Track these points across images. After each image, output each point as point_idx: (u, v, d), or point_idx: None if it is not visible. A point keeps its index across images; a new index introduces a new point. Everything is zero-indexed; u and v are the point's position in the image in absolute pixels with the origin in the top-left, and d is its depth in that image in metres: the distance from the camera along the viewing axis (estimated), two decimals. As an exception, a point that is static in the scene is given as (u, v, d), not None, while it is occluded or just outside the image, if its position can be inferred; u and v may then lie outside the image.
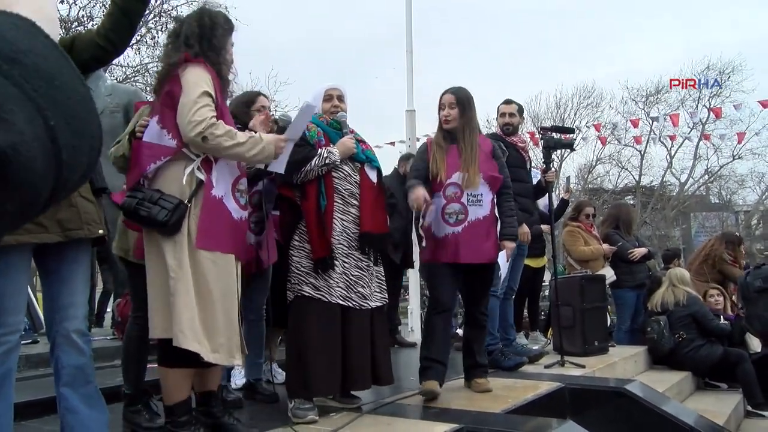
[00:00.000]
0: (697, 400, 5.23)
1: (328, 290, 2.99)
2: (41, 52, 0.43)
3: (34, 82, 0.41)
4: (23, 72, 0.41)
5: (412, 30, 7.64)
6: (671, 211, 24.90)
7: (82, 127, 0.44)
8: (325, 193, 3.07)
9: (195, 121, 2.38)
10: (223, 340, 2.43)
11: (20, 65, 0.41)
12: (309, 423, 2.87)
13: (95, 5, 12.26)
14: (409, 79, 7.51)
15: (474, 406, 3.28)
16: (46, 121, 0.41)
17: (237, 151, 2.48)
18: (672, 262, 7.26)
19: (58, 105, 0.42)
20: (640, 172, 25.07)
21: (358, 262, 3.11)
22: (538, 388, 3.76)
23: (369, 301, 3.11)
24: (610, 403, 3.85)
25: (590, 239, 6.10)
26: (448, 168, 3.53)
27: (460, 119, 3.60)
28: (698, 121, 21.65)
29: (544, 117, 24.75)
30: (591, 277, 5.55)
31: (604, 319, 5.74)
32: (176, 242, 2.38)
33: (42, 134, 0.40)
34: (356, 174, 3.17)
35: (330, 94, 3.29)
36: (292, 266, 3.06)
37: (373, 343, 3.12)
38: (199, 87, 2.44)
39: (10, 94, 0.39)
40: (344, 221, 3.09)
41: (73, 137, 0.43)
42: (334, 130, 3.23)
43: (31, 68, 0.41)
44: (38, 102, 0.40)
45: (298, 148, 3.05)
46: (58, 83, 0.43)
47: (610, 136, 21.97)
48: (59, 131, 0.41)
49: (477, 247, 3.50)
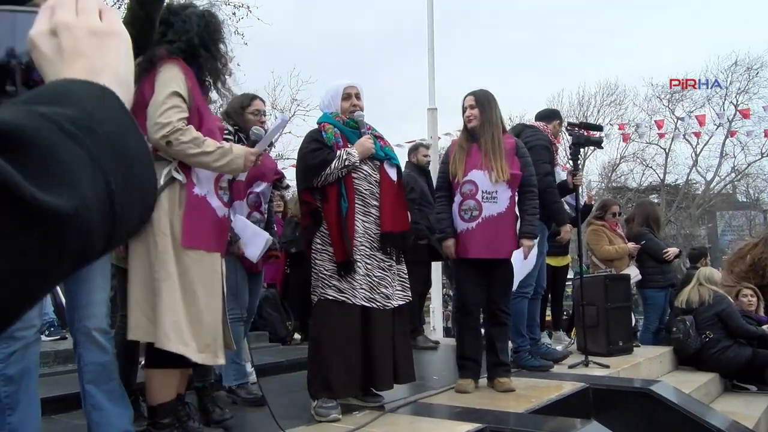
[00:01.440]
0: (724, 402, 5.13)
1: (352, 292, 3.00)
2: (114, 120, 0.49)
3: (103, 150, 0.46)
4: (96, 141, 0.46)
5: (433, 28, 7.62)
6: (696, 209, 24.50)
7: (139, 186, 0.50)
8: (346, 195, 3.06)
9: (160, 123, 2.30)
10: (209, 340, 2.41)
11: (94, 135, 0.46)
12: (332, 421, 2.88)
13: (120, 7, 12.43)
14: (430, 78, 7.49)
15: (497, 406, 3.26)
16: (108, 185, 0.45)
17: (202, 160, 2.40)
18: (699, 261, 7.13)
19: (120, 169, 0.47)
20: (664, 170, 24.74)
21: (380, 262, 3.11)
22: (561, 388, 3.72)
23: (392, 300, 3.12)
24: (635, 404, 3.80)
25: (615, 238, 6.03)
26: (466, 167, 3.63)
27: (480, 118, 3.68)
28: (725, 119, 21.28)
29: (567, 115, 24.52)
30: (615, 276, 5.49)
31: (629, 318, 5.67)
32: (158, 243, 2.34)
33: (103, 197, 0.45)
34: (376, 173, 3.16)
35: (348, 93, 3.25)
36: (315, 269, 3.07)
37: (395, 341, 3.12)
38: (168, 87, 2.35)
39: (82, 162, 0.44)
40: (365, 222, 3.09)
41: (128, 197, 0.48)
42: (350, 129, 3.21)
43: (103, 137, 0.46)
44: (104, 168, 0.45)
45: (316, 152, 3.06)
46: (123, 149, 0.48)
47: (633, 134, 21.68)
48: (117, 192, 0.46)
49: (489, 243, 3.55)
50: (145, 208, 0.51)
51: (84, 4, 0.57)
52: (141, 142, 0.51)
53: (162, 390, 2.46)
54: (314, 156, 3.06)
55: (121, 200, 0.46)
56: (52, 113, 0.44)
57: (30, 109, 0.44)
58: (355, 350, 2.99)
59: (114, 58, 0.55)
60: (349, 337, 2.98)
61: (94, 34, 0.55)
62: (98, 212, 0.44)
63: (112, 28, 0.57)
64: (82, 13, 0.56)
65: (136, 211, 0.49)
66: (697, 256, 7.40)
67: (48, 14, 0.56)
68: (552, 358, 4.69)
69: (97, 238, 0.45)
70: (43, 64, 0.55)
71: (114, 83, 0.52)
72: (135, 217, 0.49)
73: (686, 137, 22.54)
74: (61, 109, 0.45)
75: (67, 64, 0.53)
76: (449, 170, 3.70)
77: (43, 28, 0.55)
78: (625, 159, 24.98)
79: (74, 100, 0.47)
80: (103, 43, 0.55)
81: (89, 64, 0.53)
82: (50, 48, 0.54)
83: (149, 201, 0.52)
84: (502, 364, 3.75)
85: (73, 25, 0.55)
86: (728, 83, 22.52)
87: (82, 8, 0.56)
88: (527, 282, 4.58)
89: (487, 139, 3.62)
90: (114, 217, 0.46)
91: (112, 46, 0.56)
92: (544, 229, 4.74)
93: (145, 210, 0.51)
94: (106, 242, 0.46)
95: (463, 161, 3.65)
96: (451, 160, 3.71)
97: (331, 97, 3.29)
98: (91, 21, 0.56)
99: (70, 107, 0.46)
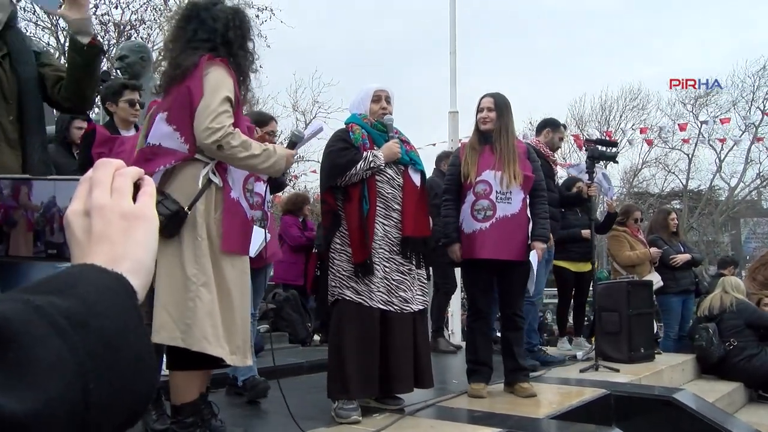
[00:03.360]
0: (749, 412, 5.04)
1: (369, 294, 3.00)
2: (116, 315, 0.47)
3: (92, 345, 0.44)
4: (85, 336, 0.44)
5: (456, 32, 7.61)
6: (720, 216, 24.13)
7: (128, 387, 0.47)
8: (368, 197, 3.07)
9: (213, 128, 2.29)
10: (239, 342, 2.42)
11: (86, 329, 0.44)
12: (353, 423, 2.89)
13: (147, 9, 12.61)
14: (452, 81, 7.48)
15: (517, 411, 3.25)
16: (86, 385, 0.43)
17: (250, 163, 2.42)
18: (727, 269, 7.02)
19: (109, 366, 0.45)
20: (687, 175, 24.41)
21: (399, 266, 3.11)
22: (582, 395, 3.69)
23: (411, 304, 3.11)
24: (657, 412, 3.76)
25: (636, 244, 5.98)
26: (479, 168, 3.60)
27: (497, 121, 3.67)
28: (750, 124, 20.93)
29: (589, 119, 24.34)
30: (637, 282, 5.44)
31: (651, 325, 5.61)
32: (196, 247, 2.33)
33: (75, 398, 0.42)
34: (400, 177, 3.17)
35: (378, 95, 3.28)
36: (333, 269, 3.08)
37: (416, 346, 3.12)
38: (221, 92, 2.34)
39: (61, 360, 0.42)
40: (386, 226, 3.10)
41: (112, 396, 0.45)
42: (378, 132, 3.23)
43: (95, 332, 0.45)
44: (86, 366, 0.43)
45: (343, 151, 3.07)
46: (116, 345, 0.46)
47: (657, 138, 21.42)
48: (96, 393, 0.44)
49: (503, 243, 3.52)
50: (137, 407, 0.49)
51: (119, 183, 0.58)
52: (142, 340, 0.49)
53: (186, 390, 2.47)
54: (341, 155, 3.07)
55: (101, 401, 0.44)
56: (48, 305, 0.44)
57: (27, 300, 0.44)
58: (372, 353, 2.99)
59: (139, 243, 0.56)
60: (367, 339, 2.98)
61: (125, 218, 0.56)
62: (65, 418, 0.42)
63: (143, 212, 0.58)
64: (117, 193, 0.57)
65: (123, 410, 0.47)
66: (726, 264, 7.29)
67: (85, 189, 0.57)
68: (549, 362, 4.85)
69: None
70: (72, 243, 0.56)
71: (133, 271, 0.53)
72: (120, 415, 0.47)
73: (710, 143, 22.21)
74: (61, 300, 0.45)
75: (93, 247, 0.54)
76: (460, 172, 3.66)
77: (78, 208, 0.56)
78: (647, 164, 24.72)
79: (80, 290, 0.47)
80: (132, 227, 0.56)
81: (113, 250, 0.54)
82: (81, 228, 0.55)
83: (143, 399, 0.49)
84: (522, 368, 3.73)
85: (106, 207, 0.56)
86: (755, 88, 22.16)
87: (116, 188, 0.57)
88: (538, 288, 4.62)
89: (502, 144, 3.61)
90: (86, 422, 0.43)
91: (140, 231, 0.56)
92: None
93: (136, 409, 0.48)
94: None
95: (475, 162, 3.62)
96: (463, 162, 3.67)
97: (361, 98, 3.31)
98: (123, 203, 0.57)
99: (72, 298, 0.46)
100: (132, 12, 12.48)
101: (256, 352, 4.81)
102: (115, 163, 0.60)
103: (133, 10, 12.46)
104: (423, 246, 3.21)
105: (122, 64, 4.55)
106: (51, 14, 7.37)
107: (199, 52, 2.40)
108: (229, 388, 3.62)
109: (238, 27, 2.50)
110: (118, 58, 4.74)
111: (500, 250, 3.52)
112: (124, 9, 12.31)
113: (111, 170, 0.58)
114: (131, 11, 12.44)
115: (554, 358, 5.01)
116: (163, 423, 2.73)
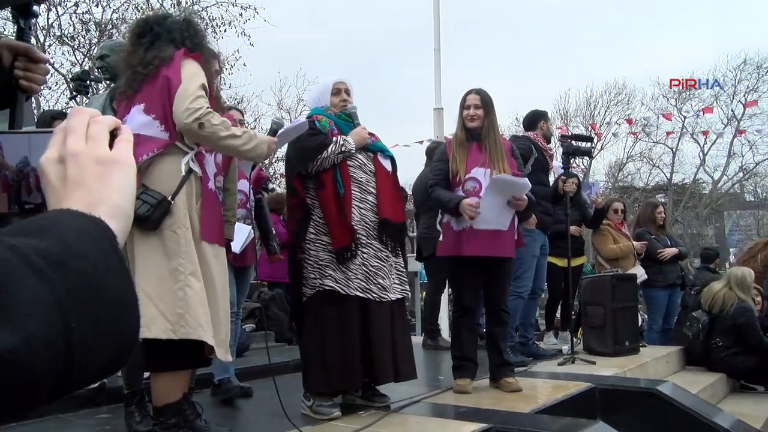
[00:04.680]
0: (732, 402, 5.10)
1: (347, 282, 2.95)
2: (96, 256, 0.47)
3: (71, 285, 0.44)
4: (64, 276, 0.44)
5: (440, 28, 7.62)
6: (704, 209, 24.39)
7: (111, 328, 0.46)
8: (342, 181, 3.03)
9: (192, 108, 2.32)
10: (223, 335, 2.42)
11: (64, 269, 0.44)
12: (334, 419, 2.89)
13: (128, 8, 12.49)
14: (437, 77, 7.50)
15: (503, 406, 3.26)
16: (67, 323, 0.43)
17: (232, 143, 2.42)
18: (713, 261, 7.06)
19: (89, 307, 0.45)
20: (671, 169, 24.65)
21: (377, 252, 3.06)
22: (568, 388, 3.72)
23: (389, 292, 3.07)
24: (641, 404, 3.79)
25: (619, 237, 6.00)
26: (468, 165, 3.59)
27: (485, 119, 3.66)
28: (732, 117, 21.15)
29: (574, 114, 24.48)
30: (622, 276, 5.47)
31: (635, 318, 5.65)
32: (180, 236, 2.32)
33: (56, 336, 0.42)
34: (371, 163, 3.14)
35: (338, 88, 3.26)
36: (310, 260, 3.01)
37: (394, 336, 3.08)
38: (198, 79, 2.39)
39: (38, 298, 0.42)
40: (362, 209, 3.05)
41: (95, 337, 0.45)
42: (344, 122, 3.20)
43: (74, 272, 0.45)
44: (65, 305, 0.43)
45: (312, 136, 3.01)
46: (96, 285, 0.46)
47: (641, 132, 21.59)
48: (78, 332, 0.43)
49: (489, 241, 3.52)
50: (122, 349, 0.48)
51: (94, 130, 0.57)
52: (124, 282, 0.49)
53: (168, 391, 2.45)
54: (311, 140, 3.00)
55: (83, 341, 0.44)
56: (24, 245, 0.44)
57: (1, 240, 0.43)
58: (353, 342, 2.95)
59: (116, 188, 0.55)
60: (347, 328, 2.94)
61: (101, 163, 0.56)
62: (46, 354, 0.41)
63: (120, 158, 0.57)
64: (92, 140, 0.57)
65: (107, 352, 0.46)
66: (712, 257, 7.33)
67: (60, 139, 0.57)
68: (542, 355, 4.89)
69: (44, 380, 0.42)
70: (48, 191, 0.55)
71: (111, 216, 0.52)
72: (104, 358, 0.46)
73: (694, 136, 22.45)
74: (37, 241, 0.45)
75: (68, 193, 0.54)
76: (449, 168, 3.65)
77: (53, 155, 0.56)
78: (632, 158, 24.93)
79: (56, 232, 0.46)
80: (108, 172, 0.56)
81: (88, 195, 0.54)
82: (56, 175, 0.55)
83: (127, 340, 0.48)
84: (507, 363, 3.74)
85: (80, 153, 0.55)
86: (737, 82, 22.42)
87: (91, 135, 0.57)
88: (523, 282, 4.64)
89: (490, 141, 3.61)
90: (69, 361, 0.43)
91: (116, 176, 0.56)
92: (539, 234, 4.79)
93: (120, 351, 0.48)
94: (56, 385, 0.43)
95: (464, 160, 3.62)
96: (451, 158, 3.66)
97: (321, 93, 3.29)
98: (98, 149, 0.56)
99: (48, 239, 0.45)
100: (113, 11, 12.37)
101: (242, 351, 4.81)
102: (90, 111, 0.59)
103: (115, 8, 12.35)
104: (399, 234, 3.18)
105: (103, 64, 4.48)
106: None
107: (170, 47, 2.43)
108: (214, 388, 3.60)
109: (194, 36, 2.54)
110: (98, 57, 4.69)
111: (487, 248, 3.53)
112: (105, 7, 12.18)
113: (86, 118, 0.58)
114: (112, 10, 12.33)
115: (547, 352, 5.04)
116: (146, 425, 2.71)
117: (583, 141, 5.49)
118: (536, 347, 5.06)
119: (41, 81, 1.50)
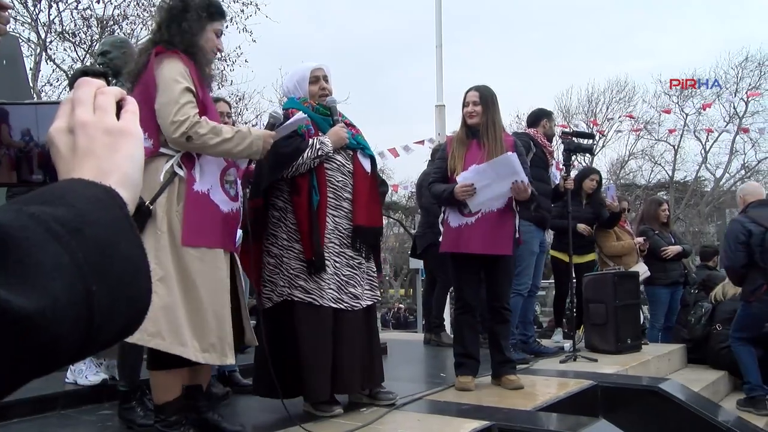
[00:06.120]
0: (734, 400, 5.09)
1: (320, 293, 2.86)
2: (108, 223, 0.48)
3: (88, 251, 0.45)
4: (81, 242, 0.45)
5: (441, 25, 7.60)
6: (705, 207, 24.35)
7: (126, 292, 0.48)
8: (318, 188, 2.89)
9: (178, 122, 2.28)
10: (214, 339, 2.35)
11: (81, 235, 0.45)
12: (335, 416, 2.88)
13: (129, 4, 12.47)
14: (438, 74, 7.48)
15: (505, 404, 3.26)
16: (87, 287, 0.44)
17: (224, 148, 2.38)
18: (711, 259, 7.05)
19: (106, 272, 0.46)
20: (673, 167, 24.59)
21: (349, 260, 2.97)
22: (569, 386, 3.72)
23: (360, 300, 3.00)
24: (643, 402, 3.79)
25: (622, 234, 5.99)
26: (466, 162, 3.57)
27: (483, 115, 3.64)
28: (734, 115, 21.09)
29: (576, 111, 24.41)
30: (624, 273, 5.47)
31: (638, 316, 5.64)
32: (156, 241, 2.28)
33: (78, 300, 0.44)
34: (349, 163, 3.00)
35: (316, 75, 3.05)
36: (282, 267, 2.90)
37: (367, 343, 3.04)
38: (178, 83, 2.32)
39: (61, 265, 0.43)
40: (336, 217, 2.94)
41: (112, 302, 0.46)
42: (322, 116, 3.03)
43: (90, 238, 0.46)
44: (84, 270, 0.44)
45: (287, 140, 2.83)
46: (110, 252, 0.47)
47: (643, 130, 21.54)
48: (98, 297, 0.45)
49: (489, 238, 3.51)
50: (135, 314, 0.50)
51: (102, 101, 0.58)
52: (135, 247, 0.50)
53: (166, 389, 2.44)
54: (285, 144, 2.79)
55: (102, 306, 0.45)
56: (42, 213, 0.45)
57: (20, 209, 0.45)
58: (326, 354, 2.86)
59: (124, 158, 0.56)
60: (320, 341, 2.85)
61: (109, 133, 0.57)
62: (70, 317, 0.43)
63: (128, 128, 0.59)
64: (99, 110, 0.58)
65: (122, 317, 0.48)
66: (710, 254, 7.32)
67: (67, 109, 0.58)
68: (544, 352, 4.89)
69: (67, 343, 0.43)
70: (57, 161, 0.56)
71: (120, 184, 0.53)
72: (120, 323, 0.48)
73: (696, 134, 22.40)
74: (53, 208, 0.46)
75: (78, 163, 0.55)
76: (447, 166, 3.64)
77: (62, 126, 0.57)
78: (633, 156, 24.87)
79: (70, 200, 0.48)
80: (116, 142, 0.57)
81: (99, 164, 0.55)
82: (65, 145, 0.56)
83: (140, 306, 0.50)
84: (508, 361, 3.74)
85: (89, 123, 0.56)
86: (738, 79, 22.35)
87: (99, 105, 0.58)
88: (522, 279, 4.64)
89: (490, 138, 3.58)
90: (90, 324, 0.44)
91: (124, 146, 0.57)
92: (537, 231, 4.79)
93: (134, 316, 0.50)
94: (79, 348, 0.45)
95: (462, 157, 3.60)
96: (450, 156, 3.66)
97: (298, 81, 3.09)
98: (107, 120, 0.57)
99: (63, 207, 0.46)
100: (114, 7, 12.34)
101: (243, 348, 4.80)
102: (97, 82, 0.60)
103: (116, 4, 12.33)
104: (373, 238, 3.09)
105: (104, 60, 4.48)
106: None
107: (152, 44, 2.41)
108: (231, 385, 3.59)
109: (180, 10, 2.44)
110: (99, 53, 4.68)
111: (487, 245, 3.52)
112: (107, 4, 12.16)
113: (93, 89, 0.59)
114: (113, 6, 12.30)
115: (548, 350, 5.03)
116: (148, 419, 2.72)
117: (584, 138, 5.47)
118: (537, 344, 5.05)
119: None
